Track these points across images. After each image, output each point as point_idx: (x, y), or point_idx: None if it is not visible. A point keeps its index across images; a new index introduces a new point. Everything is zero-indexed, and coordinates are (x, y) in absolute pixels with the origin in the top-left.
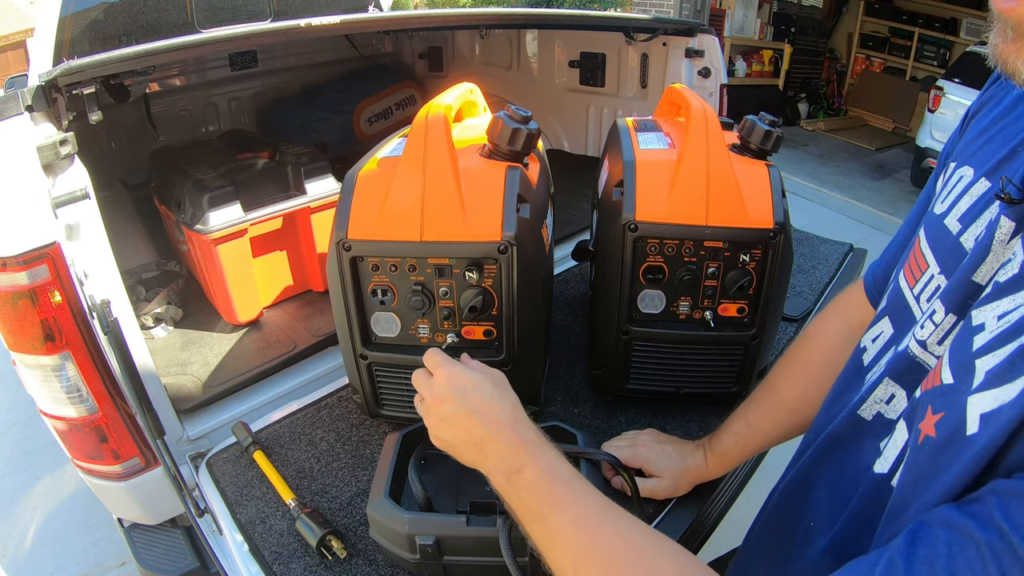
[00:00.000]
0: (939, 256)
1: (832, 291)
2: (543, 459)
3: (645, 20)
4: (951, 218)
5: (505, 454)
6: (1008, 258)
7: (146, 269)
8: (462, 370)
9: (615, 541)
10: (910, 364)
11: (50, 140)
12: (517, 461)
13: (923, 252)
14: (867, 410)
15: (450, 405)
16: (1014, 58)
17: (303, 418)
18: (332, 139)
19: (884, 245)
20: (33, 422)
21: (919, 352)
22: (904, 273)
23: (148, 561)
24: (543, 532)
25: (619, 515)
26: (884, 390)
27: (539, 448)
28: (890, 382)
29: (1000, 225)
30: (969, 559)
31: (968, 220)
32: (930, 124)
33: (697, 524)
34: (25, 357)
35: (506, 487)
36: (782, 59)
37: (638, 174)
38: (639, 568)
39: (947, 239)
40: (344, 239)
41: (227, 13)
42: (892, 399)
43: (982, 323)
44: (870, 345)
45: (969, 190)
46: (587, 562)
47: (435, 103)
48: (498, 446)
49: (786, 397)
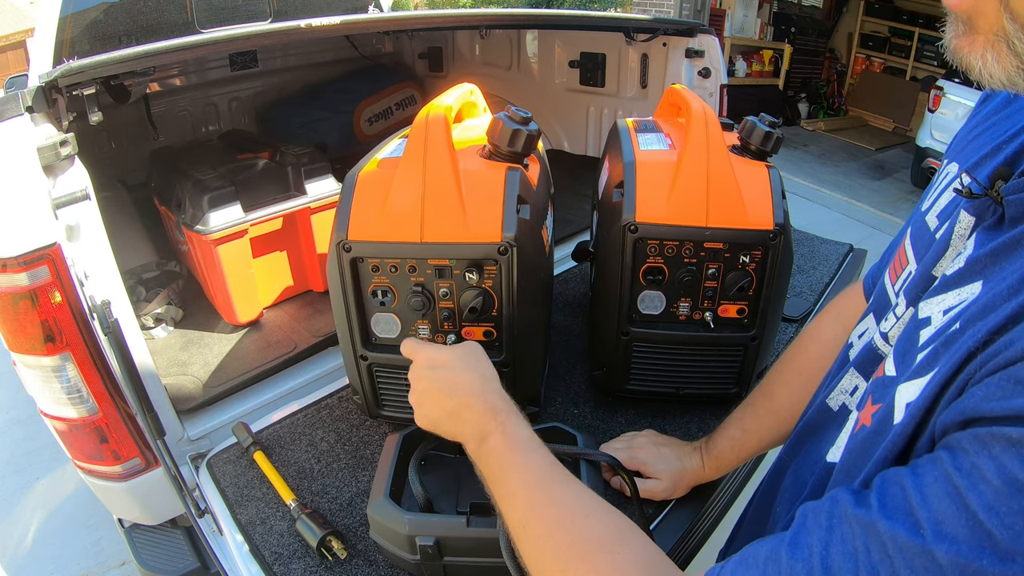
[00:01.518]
0: (918, 252)
1: (832, 291)
2: (508, 425)
3: (645, 20)
4: (931, 215)
5: (476, 422)
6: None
7: (146, 269)
8: (434, 349)
9: (560, 505)
10: (872, 356)
11: (50, 141)
12: (486, 428)
13: (906, 248)
14: (834, 400)
15: (425, 382)
16: (966, 52)
17: (303, 419)
18: (332, 139)
19: (884, 245)
20: (33, 422)
21: (881, 344)
22: (890, 270)
23: (148, 561)
24: (500, 493)
25: (566, 481)
26: (849, 381)
27: (506, 416)
28: (855, 373)
29: (960, 220)
30: (843, 533)
31: (944, 216)
32: (930, 124)
33: (696, 525)
34: (25, 358)
35: (476, 453)
36: (782, 59)
37: (638, 175)
38: (574, 531)
39: (925, 235)
40: (344, 240)
41: (227, 13)
42: (855, 390)
43: (928, 316)
44: (856, 341)
45: (950, 186)
46: (532, 522)
47: (435, 104)
48: (471, 415)
49: (782, 402)
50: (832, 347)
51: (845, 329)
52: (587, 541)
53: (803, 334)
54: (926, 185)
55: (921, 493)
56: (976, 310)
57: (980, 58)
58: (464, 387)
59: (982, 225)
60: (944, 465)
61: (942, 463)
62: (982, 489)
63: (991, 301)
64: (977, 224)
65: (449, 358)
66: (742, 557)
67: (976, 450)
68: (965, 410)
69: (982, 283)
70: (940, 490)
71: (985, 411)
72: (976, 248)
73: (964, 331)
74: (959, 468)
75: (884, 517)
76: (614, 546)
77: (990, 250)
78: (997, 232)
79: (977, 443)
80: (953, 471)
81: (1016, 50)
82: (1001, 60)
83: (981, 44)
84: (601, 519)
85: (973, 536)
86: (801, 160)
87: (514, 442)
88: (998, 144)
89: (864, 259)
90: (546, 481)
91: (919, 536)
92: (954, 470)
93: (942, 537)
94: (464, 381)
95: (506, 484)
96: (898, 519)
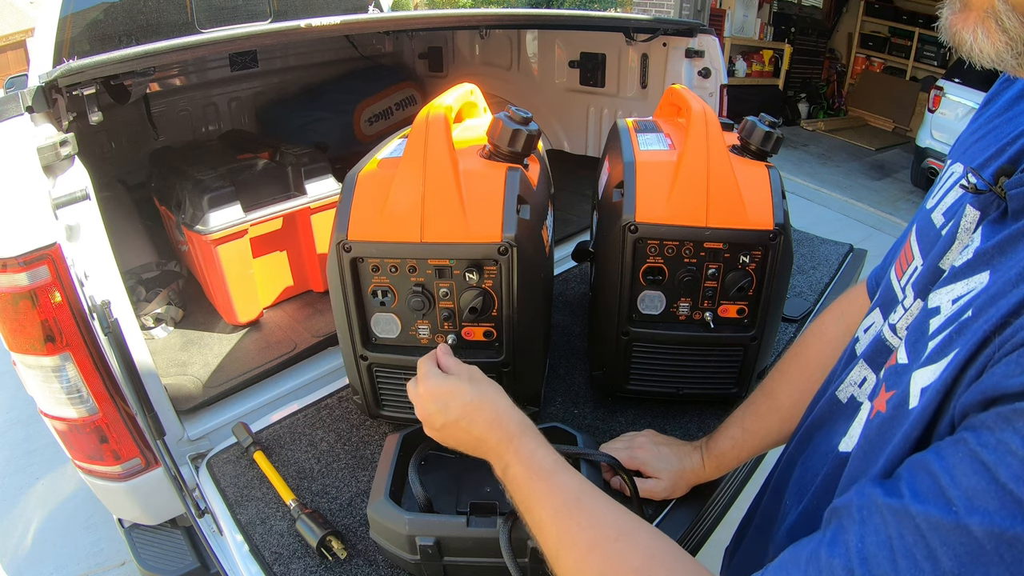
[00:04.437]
0: (923, 247)
1: (832, 291)
2: (524, 452)
3: (645, 20)
4: (937, 212)
5: (496, 452)
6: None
7: (146, 269)
8: (438, 381)
9: (588, 531)
10: (881, 347)
11: (50, 141)
12: (504, 459)
13: (911, 245)
14: (843, 392)
15: (438, 418)
16: (960, 28)
17: (303, 419)
18: (332, 139)
19: (884, 245)
20: (33, 422)
21: (889, 336)
22: (895, 266)
23: (148, 561)
24: (531, 524)
25: (595, 505)
26: (859, 372)
27: (520, 441)
28: (864, 365)
29: (966, 214)
30: (875, 524)
31: (950, 214)
32: (930, 124)
33: (696, 524)
34: (25, 358)
35: (503, 481)
36: (782, 59)
37: (638, 175)
38: (607, 558)
39: (931, 231)
40: (344, 240)
41: (227, 13)
42: (864, 382)
43: (937, 306)
44: (862, 335)
45: (956, 186)
46: (565, 552)
47: (435, 104)
48: (489, 445)
49: (783, 402)
50: (835, 347)
51: (848, 328)
52: (621, 566)
53: (806, 333)
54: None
55: (949, 473)
56: (987, 298)
57: (971, 34)
58: (478, 418)
59: (987, 219)
60: (969, 444)
61: (966, 443)
62: (1010, 461)
63: (1001, 288)
64: (983, 218)
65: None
66: (782, 562)
67: (1001, 426)
68: (986, 390)
69: (990, 273)
70: (968, 468)
71: (1007, 388)
72: (983, 241)
73: (978, 317)
74: (984, 445)
75: (915, 501)
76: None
77: (996, 242)
78: (1001, 225)
79: (1001, 420)
80: (979, 448)
81: (1004, 27)
82: (991, 36)
83: (973, 20)
84: (633, 539)
85: (1004, 506)
86: (801, 160)
87: (534, 470)
88: (1001, 146)
89: (864, 259)
90: (571, 507)
91: (951, 513)
92: (980, 447)
93: (974, 510)
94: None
95: (532, 515)
96: (929, 501)
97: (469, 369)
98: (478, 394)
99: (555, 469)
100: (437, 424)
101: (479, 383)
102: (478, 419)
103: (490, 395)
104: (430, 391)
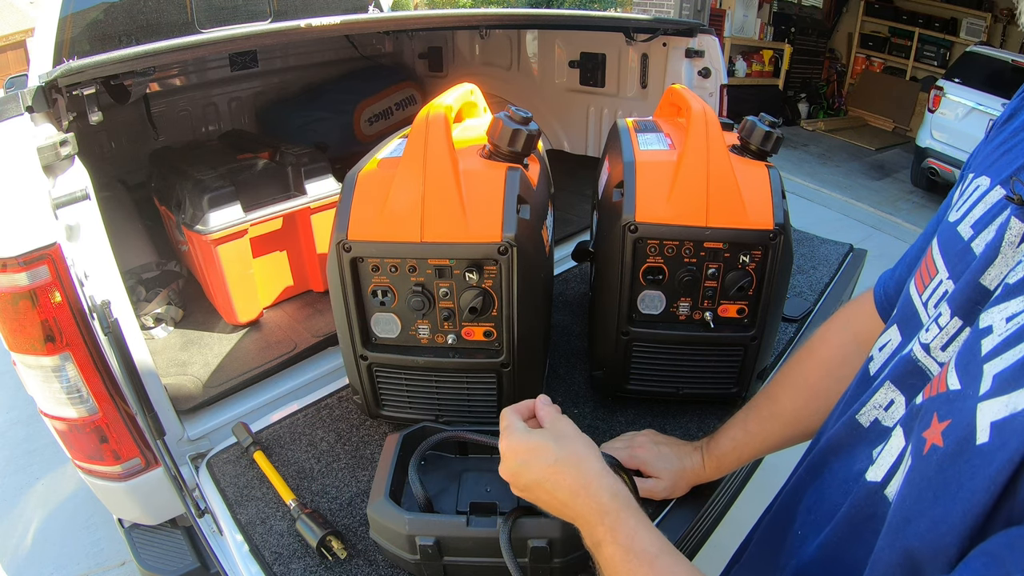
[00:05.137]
0: (949, 261)
1: (832, 291)
2: (621, 532)
3: (645, 20)
4: (964, 225)
5: (586, 522)
6: (1019, 260)
7: (146, 269)
8: (520, 438)
9: None
10: (912, 368)
11: (50, 141)
12: (595, 535)
13: (934, 259)
14: (865, 416)
15: (521, 479)
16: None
17: (303, 418)
18: (332, 139)
19: (884, 245)
20: (33, 422)
21: (922, 357)
22: (915, 281)
23: (148, 561)
24: None
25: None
26: (884, 395)
27: (616, 518)
28: (891, 387)
29: (1010, 227)
30: None
31: (980, 226)
32: (930, 124)
33: (696, 524)
34: (25, 358)
35: (593, 554)
36: (782, 59)
37: (638, 175)
38: None
39: (958, 244)
40: (344, 240)
41: (227, 13)
42: (891, 405)
43: (989, 326)
44: (877, 354)
45: (984, 198)
46: None
47: (435, 104)
48: (577, 512)
49: (786, 407)
50: (840, 354)
51: (854, 336)
52: None
53: (811, 340)
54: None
55: None
56: None
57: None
58: (563, 482)
59: None
60: None
61: None
62: None
63: None
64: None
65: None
66: None
67: None
68: None
69: None
70: None
71: None
72: None
73: None
74: None
75: None
76: None
77: None
78: None
79: None
80: None
81: None
82: None
83: None
84: None
85: None
86: (801, 160)
87: (633, 555)
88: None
89: (864, 259)
90: None
91: None
92: None
93: None
94: (560, 475)
95: None
96: None
97: (559, 423)
98: (563, 455)
99: (659, 553)
100: (520, 484)
101: (566, 441)
102: (562, 484)
103: (575, 458)
104: (511, 448)
